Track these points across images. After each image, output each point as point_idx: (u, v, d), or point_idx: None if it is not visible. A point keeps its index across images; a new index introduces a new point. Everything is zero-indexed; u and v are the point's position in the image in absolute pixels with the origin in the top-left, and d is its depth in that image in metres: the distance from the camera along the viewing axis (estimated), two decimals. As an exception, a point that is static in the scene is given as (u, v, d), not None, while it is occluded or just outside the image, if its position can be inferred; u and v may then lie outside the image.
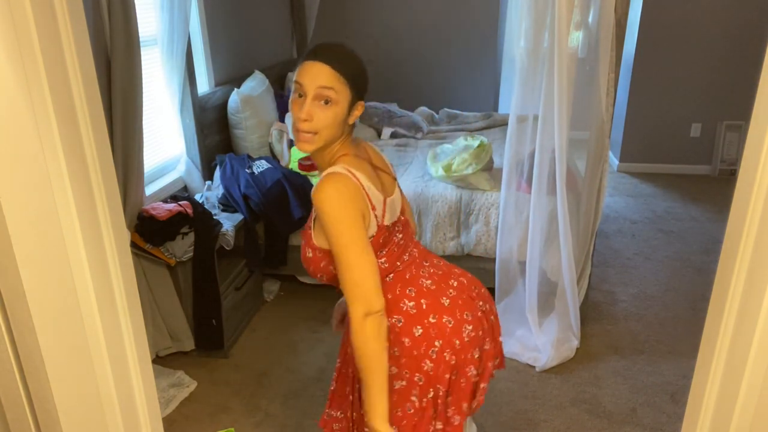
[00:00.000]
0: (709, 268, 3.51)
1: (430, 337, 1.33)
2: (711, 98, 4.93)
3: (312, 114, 1.23)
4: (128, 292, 1.24)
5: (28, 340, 1.06)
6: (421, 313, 1.34)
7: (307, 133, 1.25)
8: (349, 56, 1.28)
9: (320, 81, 1.22)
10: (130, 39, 2.27)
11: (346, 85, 1.25)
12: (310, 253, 1.35)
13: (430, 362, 1.33)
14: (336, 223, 1.22)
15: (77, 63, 1.03)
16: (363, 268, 1.23)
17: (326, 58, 1.24)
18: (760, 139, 0.86)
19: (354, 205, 1.24)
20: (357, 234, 1.23)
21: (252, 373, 2.63)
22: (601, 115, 2.50)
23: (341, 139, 1.31)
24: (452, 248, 2.98)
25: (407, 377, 1.34)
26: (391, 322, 1.34)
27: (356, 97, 1.28)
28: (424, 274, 1.40)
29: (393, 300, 1.35)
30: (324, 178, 1.25)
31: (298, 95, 1.26)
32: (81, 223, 1.08)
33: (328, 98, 1.23)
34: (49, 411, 1.12)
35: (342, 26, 5.21)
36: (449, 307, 1.36)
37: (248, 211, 2.92)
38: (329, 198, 1.22)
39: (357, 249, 1.23)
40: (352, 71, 1.26)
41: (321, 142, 1.27)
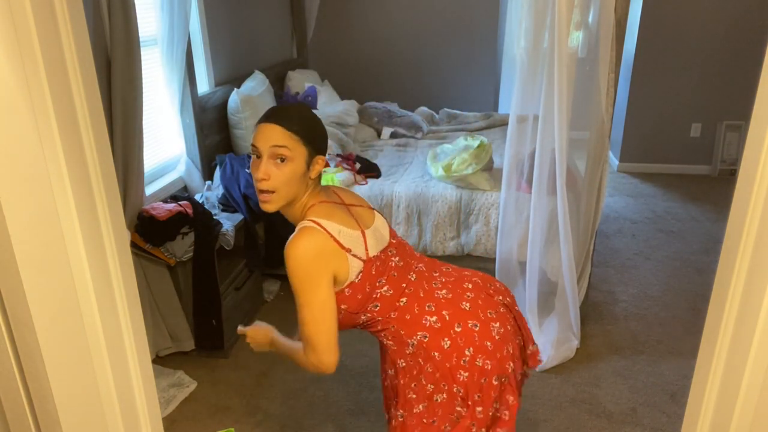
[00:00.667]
0: (709, 268, 3.51)
1: (459, 347, 1.35)
2: (711, 98, 4.93)
3: (268, 173, 1.29)
4: (128, 292, 1.24)
5: (28, 340, 1.06)
6: (446, 325, 1.36)
7: (267, 193, 1.31)
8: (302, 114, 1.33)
9: (272, 141, 1.28)
10: (130, 39, 2.27)
11: (300, 142, 1.30)
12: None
13: (464, 372, 1.35)
14: (297, 281, 1.28)
15: (77, 63, 1.03)
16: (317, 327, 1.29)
17: (276, 119, 1.30)
18: (760, 139, 0.86)
19: (318, 262, 1.28)
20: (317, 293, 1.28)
21: (252, 373, 2.64)
22: (601, 115, 2.50)
23: (307, 193, 1.36)
24: (452, 248, 2.98)
25: (446, 390, 1.37)
26: (417, 339, 1.37)
27: (313, 152, 1.33)
28: (437, 285, 1.42)
29: (413, 319, 1.37)
30: (294, 236, 1.29)
31: (255, 156, 1.32)
32: (81, 223, 1.08)
33: (283, 156, 1.28)
34: (49, 411, 1.12)
35: (342, 26, 5.21)
36: (471, 310, 1.39)
37: (248, 211, 2.92)
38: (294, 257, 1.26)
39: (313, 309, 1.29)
40: (305, 128, 1.31)
41: (282, 201, 1.33)
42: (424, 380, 1.37)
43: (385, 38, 5.19)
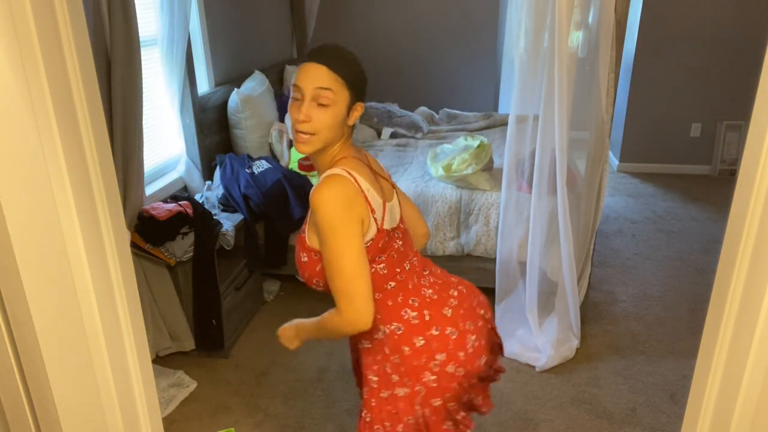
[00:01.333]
0: (709, 268, 3.51)
1: (432, 349, 1.33)
2: (711, 98, 4.93)
3: (310, 115, 1.23)
4: (128, 292, 1.24)
5: (28, 340, 1.06)
6: (424, 324, 1.34)
7: (305, 134, 1.25)
8: (348, 57, 1.27)
9: (318, 82, 1.22)
10: (130, 39, 2.27)
11: (344, 86, 1.24)
12: (305, 257, 1.33)
13: (431, 374, 1.33)
14: (332, 228, 1.21)
15: (77, 63, 1.03)
16: (356, 276, 1.23)
17: (324, 60, 1.23)
18: (760, 139, 0.86)
19: (352, 209, 1.22)
20: (352, 241, 1.22)
21: (252, 373, 2.64)
22: (601, 115, 2.50)
23: (341, 141, 1.30)
24: (452, 248, 2.98)
25: (409, 385, 1.34)
26: (390, 329, 1.34)
27: (355, 99, 1.28)
28: (425, 283, 1.40)
29: (393, 307, 1.34)
30: (323, 180, 1.24)
31: (295, 98, 1.26)
32: (81, 223, 1.08)
33: (326, 99, 1.23)
34: (49, 411, 1.12)
35: (342, 26, 5.21)
36: (452, 317, 1.36)
37: (248, 211, 2.92)
38: (327, 201, 1.20)
39: (350, 257, 1.22)
40: (350, 72, 1.26)
41: (319, 144, 1.26)
42: (388, 369, 1.35)
43: (385, 38, 5.19)
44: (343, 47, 1.29)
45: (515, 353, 2.69)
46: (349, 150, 1.32)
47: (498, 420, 2.32)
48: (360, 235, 1.23)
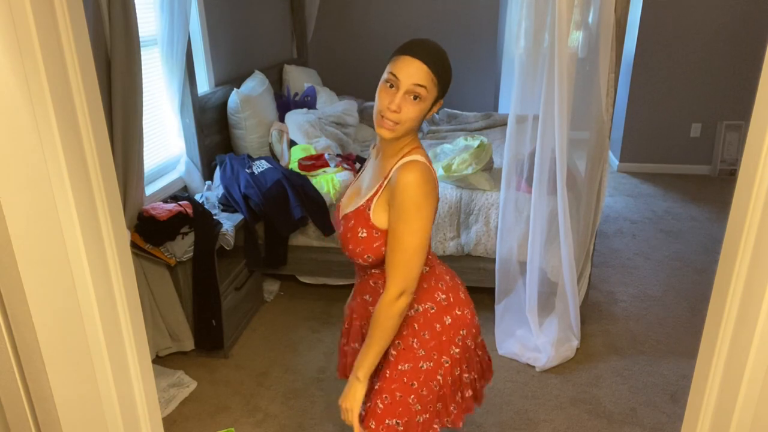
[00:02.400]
0: (709, 268, 3.51)
1: (457, 326, 1.49)
2: (711, 98, 4.93)
3: (401, 106, 1.30)
4: (128, 292, 1.24)
5: (28, 340, 1.06)
6: (450, 305, 1.49)
7: (391, 122, 1.31)
8: (444, 58, 1.34)
9: (416, 79, 1.29)
10: (130, 39, 2.27)
11: (436, 85, 1.32)
12: (363, 232, 1.39)
13: (456, 348, 1.49)
14: (415, 209, 1.30)
15: (77, 63, 1.03)
16: (419, 255, 1.33)
17: (426, 58, 1.30)
18: (760, 139, 0.86)
19: (433, 196, 1.34)
20: (427, 224, 1.33)
21: (252, 373, 2.64)
22: (601, 115, 2.50)
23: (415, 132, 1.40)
24: (452, 248, 2.98)
25: (435, 359, 1.47)
26: (424, 307, 1.47)
27: (439, 96, 1.36)
28: (443, 270, 1.55)
29: (427, 290, 1.47)
30: (412, 164, 1.33)
31: (389, 85, 1.31)
32: (81, 223, 1.08)
33: (419, 95, 1.30)
34: (49, 411, 1.12)
35: (342, 26, 5.21)
36: (465, 300, 1.54)
37: (248, 211, 2.92)
38: (417, 184, 1.30)
39: (422, 237, 1.32)
40: (444, 72, 1.33)
41: (401, 133, 1.34)
42: (415, 344, 1.46)
43: (385, 38, 5.19)
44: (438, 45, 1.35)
45: (515, 353, 2.69)
46: (418, 140, 1.42)
47: (498, 420, 2.32)
48: (432, 220, 1.35)
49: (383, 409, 1.45)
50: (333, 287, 3.28)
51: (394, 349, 1.47)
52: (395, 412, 1.45)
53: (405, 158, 1.36)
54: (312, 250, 3.13)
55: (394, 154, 1.40)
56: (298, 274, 3.26)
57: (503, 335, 2.79)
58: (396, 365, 1.46)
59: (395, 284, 1.34)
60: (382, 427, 1.45)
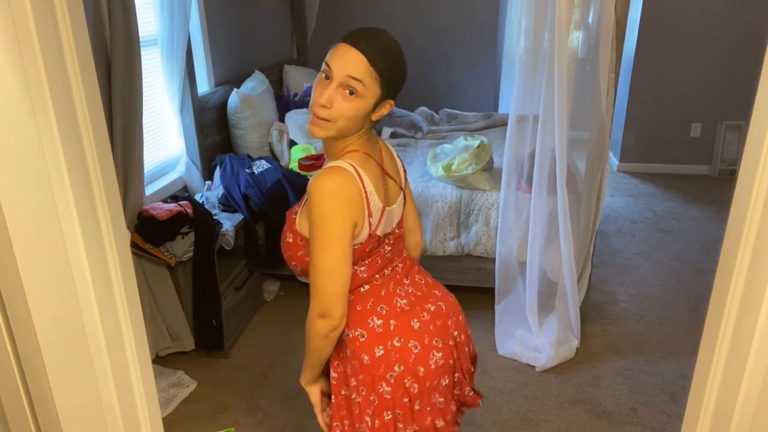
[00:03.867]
0: (709, 268, 3.51)
1: (390, 360, 1.26)
2: (711, 98, 4.93)
3: (332, 101, 1.14)
4: (128, 292, 1.24)
5: (28, 340, 1.06)
6: (387, 333, 1.27)
7: (321, 119, 1.16)
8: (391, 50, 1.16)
9: (350, 70, 1.12)
10: (130, 39, 2.27)
11: (378, 81, 1.15)
12: (290, 238, 1.27)
13: (386, 386, 1.26)
14: (323, 222, 1.14)
15: (77, 63, 1.03)
16: (332, 276, 1.17)
17: (364, 47, 1.13)
18: (760, 139, 0.86)
19: (348, 209, 1.16)
20: (339, 241, 1.15)
21: (252, 373, 2.63)
22: (601, 115, 2.50)
23: (358, 133, 1.22)
24: (452, 248, 2.98)
25: (363, 395, 1.28)
26: (353, 334, 1.28)
27: (386, 96, 1.19)
28: (401, 293, 1.33)
29: (361, 313, 1.28)
30: (327, 171, 1.16)
31: (324, 76, 1.16)
32: (81, 223, 1.08)
33: (354, 90, 1.14)
34: (49, 411, 1.12)
35: (342, 26, 5.21)
36: (418, 330, 1.29)
37: (248, 211, 2.92)
38: (325, 193, 1.13)
39: (334, 255, 1.15)
40: (389, 68, 1.16)
41: (333, 132, 1.18)
42: (349, 370, 1.30)
43: (385, 38, 5.19)
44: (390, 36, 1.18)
45: (515, 353, 2.69)
46: (363, 144, 1.24)
47: (498, 420, 2.32)
48: (348, 237, 1.17)
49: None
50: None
51: (335, 371, 1.33)
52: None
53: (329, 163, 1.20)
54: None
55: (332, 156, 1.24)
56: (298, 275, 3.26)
57: (503, 335, 2.79)
58: (338, 390, 1.33)
59: (312, 304, 1.20)
60: None
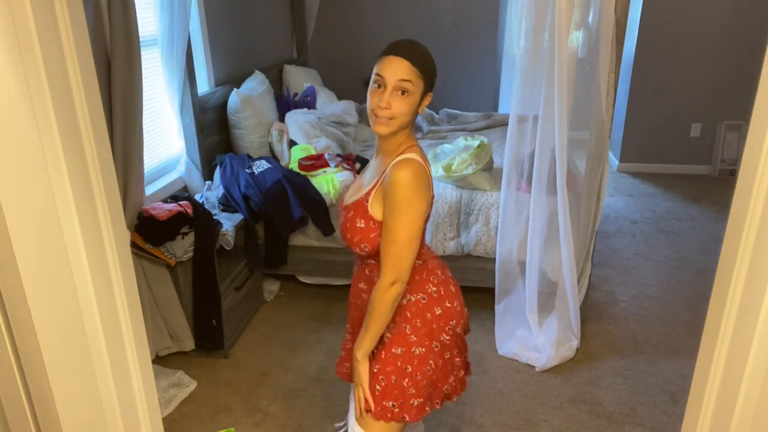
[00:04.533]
0: (709, 268, 3.51)
1: (447, 316, 1.57)
2: (711, 98, 4.93)
3: (391, 102, 1.39)
4: (128, 292, 1.24)
5: (28, 340, 1.06)
6: (440, 297, 1.56)
7: (384, 118, 1.41)
8: (425, 53, 1.44)
9: (400, 74, 1.38)
10: (130, 39, 2.27)
11: (421, 78, 1.41)
12: (362, 223, 1.48)
13: (446, 335, 1.57)
14: (406, 204, 1.39)
15: (77, 63, 1.03)
16: (410, 247, 1.42)
17: (405, 54, 1.39)
18: (760, 139, 0.86)
19: (425, 193, 1.42)
20: (419, 218, 1.41)
21: (252, 373, 2.64)
22: (601, 115, 2.50)
23: (409, 128, 1.48)
24: (452, 248, 2.98)
25: (426, 345, 1.54)
26: (416, 298, 1.54)
27: (427, 89, 1.44)
28: (436, 264, 1.62)
29: (420, 281, 1.54)
30: (406, 162, 1.41)
31: (377, 86, 1.41)
32: (81, 223, 1.08)
33: (406, 89, 1.39)
34: (49, 411, 1.12)
35: (342, 26, 5.21)
36: (455, 293, 1.61)
37: (248, 211, 2.91)
38: (409, 181, 1.38)
39: (413, 230, 1.41)
40: (427, 66, 1.42)
41: (395, 127, 1.42)
42: (408, 329, 1.53)
43: (385, 38, 5.14)
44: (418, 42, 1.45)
45: (515, 353, 2.69)
46: (413, 138, 1.50)
47: (498, 420, 2.32)
48: (424, 215, 1.43)
49: (380, 391, 1.52)
50: (333, 287, 3.28)
51: (389, 332, 1.54)
52: (391, 395, 1.52)
53: (400, 156, 1.44)
54: (312, 250, 3.13)
55: (392, 152, 1.48)
56: (298, 274, 3.26)
57: (503, 335, 2.79)
58: (390, 348, 1.53)
59: (388, 273, 1.42)
60: (379, 409, 1.52)
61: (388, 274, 1.42)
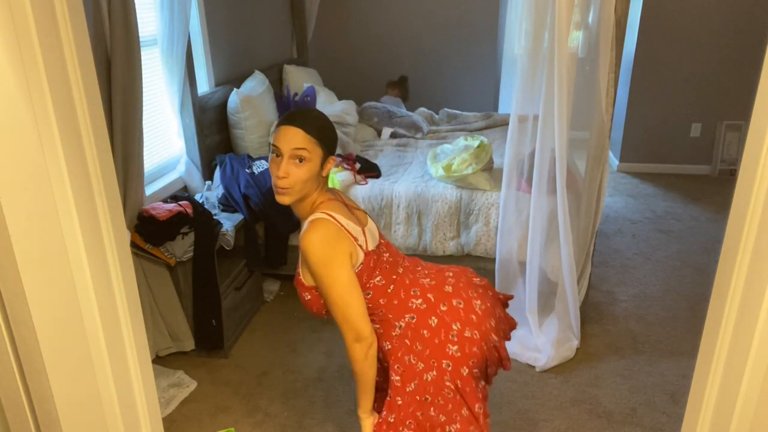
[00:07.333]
0: (709, 268, 3.51)
1: (447, 323, 1.49)
2: (711, 98, 4.93)
3: (288, 172, 1.41)
4: (128, 292, 1.24)
5: (28, 340, 1.06)
6: (431, 305, 1.50)
7: (284, 188, 1.43)
8: (319, 119, 1.45)
9: (294, 143, 1.40)
10: (130, 39, 2.27)
11: (317, 144, 1.42)
12: (307, 296, 1.49)
13: (452, 345, 1.48)
14: (321, 266, 1.38)
15: (77, 63, 1.03)
16: (350, 299, 1.41)
17: (299, 123, 1.41)
18: (760, 139, 0.86)
19: (337, 246, 1.40)
20: (340, 273, 1.40)
21: (252, 373, 2.64)
22: (601, 115, 2.50)
23: (318, 190, 1.48)
24: (452, 248, 2.98)
25: (435, 366, 1.47)
26: (405, 321, 1.49)
27: (327, 153, 1.46)
28: (421, 275, 1.57)
29: (401, 303, 1.50)
30: (309, 225, 1.42)
31: (275, 155, 1.43)
32: (81, 223, 1.08)
33: (302, 157, 1.41)
34: (49, 411, 1.12)
35: (342, 26, 5.21)
36: (454, 291, 1.53)
37: (248, 211, 2.92)
38: (314, 243, 1.38)
39: (341, 286, 1.40)
40: (322, 132, 1.43)
41: (297, 195, 1.44)
42: (413, 359, 1.48)
43: (385, 38, 5.19)
44: (314, 109, 1.50)
45: (515, 353, 2.69)
46: (326, 194, 1.50)
47: (498, 420, 2.32)
48: (348, 266, 1.41)
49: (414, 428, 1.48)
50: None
51: (396, 374, 1.50)
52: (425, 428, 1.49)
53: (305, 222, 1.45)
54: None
55: (304, 215, 1.49)
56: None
57: (503, 335, 2.78)
58: (404, 389, 1.49)
59: (345, 333, 1.42)
60: None
61: (346, 334, 1.42)
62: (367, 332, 1.42)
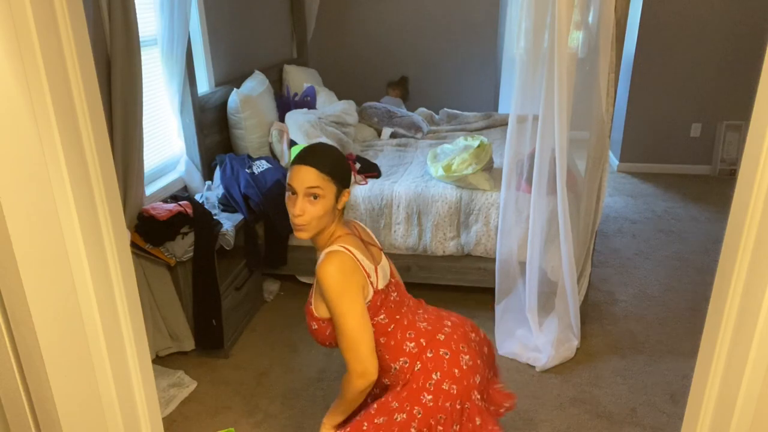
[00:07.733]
0: (709, 268, 3.51)
1: (428, 370, 1.50)
2: (711, 98, 4.93)
3: (304, 209, 1.45)
4: (128, 292, 1.24)
5: (28, 340, 1.06)
6: (421, 349, 1.52)
7: (300, 225, 1.47)
8: (332, 156, 1.48)
9: (307, 182, 1.44)
10: (130, 39, 2.27)
11: (330, 181, 1.46)
12: (315, 325, 1.52)
13: (428, 394, 1.48)
14: (336, 296, 1.41)
15: (77, 63, 1.03)
16: (361, 335, 1.43)
17: (311, 162, 1.45)
18: (760, 139, 0.86)
19: (352, 278, 1.44)
20: (354, 305, 1.43)
21: (252, 373, 2.64)
22: (601, 115, 2.50)
23: (335, 222, 1.52)
24: (452, 248, 2.98)
25: (407, 410, 1.48)
26: (399, 364, 1.52)
27: (341, 188, 1.49)
28: (420, 318, 1.60)
29: (396, 345, 1.53)
30: (327, 256, 1.45)
31: (290, 193, 1.47)
32: (81, 223, 1.08)
33: (316, 194, 1.44)
34: (49, 411, 1.12)
35: (342, 26, 5.21)
36: (444, 341, 1.54)
37: (248, 211, 2.92)
38: (332, 274, 1.41)
39: (354, 318, 1.42)
40: (335, 169, 1.47)
41: (314, 230, 1.48)
42: (390, 397, 1.51)
43: (385, 38, 5.19)
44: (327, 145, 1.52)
45: (515, 353, 2.69)
46: (343, 228, 1.54)
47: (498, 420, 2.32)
48: (361, 299, 1.45)
49: None
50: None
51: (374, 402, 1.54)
52: None
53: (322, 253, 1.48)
54: (312, 250, 3.10)
55: (322, 247, 1.53)
56: (298, 274, 3.26)
57: (503, 335, 2.79)
58: (373, 418, 1.50)
59: (351, 365, 1.44)
60: None
61: (352, 366, 1.43)
62: (372, 370, 1.44)
